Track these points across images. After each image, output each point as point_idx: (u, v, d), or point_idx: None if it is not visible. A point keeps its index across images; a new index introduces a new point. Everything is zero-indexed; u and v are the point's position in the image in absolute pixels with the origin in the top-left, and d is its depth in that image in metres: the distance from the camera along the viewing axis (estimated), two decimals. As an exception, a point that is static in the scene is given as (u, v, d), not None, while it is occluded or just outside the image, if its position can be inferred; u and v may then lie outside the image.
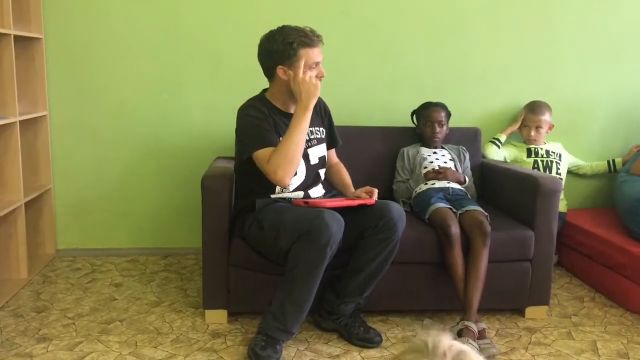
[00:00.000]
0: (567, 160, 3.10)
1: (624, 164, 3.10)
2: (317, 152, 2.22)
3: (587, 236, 2.80)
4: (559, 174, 3.00)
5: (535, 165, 2.99)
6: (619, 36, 3.14)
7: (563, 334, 2.29)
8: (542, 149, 3.03)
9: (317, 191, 2.25)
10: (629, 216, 2.67)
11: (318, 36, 2.09)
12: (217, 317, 2.29)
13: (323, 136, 2.28)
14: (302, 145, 2.04)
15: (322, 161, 2.26)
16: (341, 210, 2.01)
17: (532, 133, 3.01)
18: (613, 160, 3.17)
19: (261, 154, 2.03)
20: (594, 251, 2.75)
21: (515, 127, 3.08)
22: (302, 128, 2.01)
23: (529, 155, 3.02)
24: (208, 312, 2.30)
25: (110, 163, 3.02)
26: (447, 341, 0.68)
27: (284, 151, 1.98)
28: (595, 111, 3.21)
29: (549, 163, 3.00)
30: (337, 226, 1.89)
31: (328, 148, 2.34)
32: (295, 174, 2.09)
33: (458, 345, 0.68)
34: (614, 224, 2.80)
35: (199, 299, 2.44)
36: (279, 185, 2.07)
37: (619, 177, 2.93)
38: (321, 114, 2.31)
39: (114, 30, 2.91)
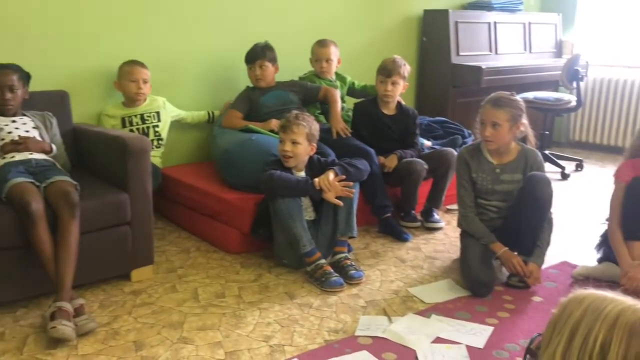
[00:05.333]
0: (169, 117, 3.11)
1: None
2: None
3: (188, 189, 2.93)
4: (158, 136, 3.02)
5: None
6: (203, 4, 3.30)
7: (168, 288, 2.35)
8: (136, 116, 2.97)
9: None
10: (221, 166, 2.89)
11: None
12: None
13: None
14: None
15: None
16: None
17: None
18: (212, 112, 3.36)
19: None
20: (196, 203, 2.90)
21: None
22: None
23: (124, 126, 2.94)
24: None
25: None
26: None
27: None
28: (189, 69, 3.33)
29: (146, 130, 2.96)
30: None
31: None
32: None
33: None
34: (212, 176, 2.99)
35: None
36: None
37: (214, 131, 3.14)
38: None
39: None
